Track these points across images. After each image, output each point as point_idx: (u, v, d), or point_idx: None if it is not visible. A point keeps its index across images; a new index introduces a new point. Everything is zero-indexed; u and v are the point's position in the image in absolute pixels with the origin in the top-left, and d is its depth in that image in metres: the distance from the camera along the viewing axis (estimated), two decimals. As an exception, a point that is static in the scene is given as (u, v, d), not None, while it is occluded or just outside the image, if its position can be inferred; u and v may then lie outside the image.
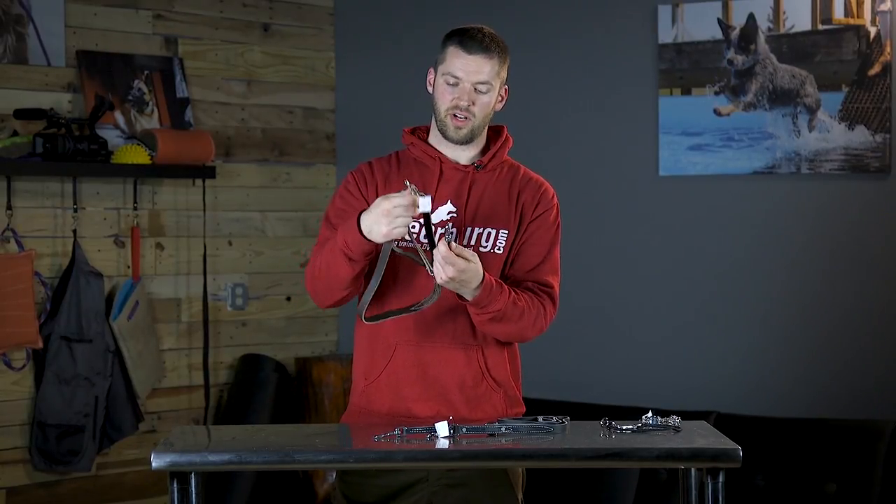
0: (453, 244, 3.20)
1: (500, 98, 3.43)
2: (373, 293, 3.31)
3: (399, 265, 3.37)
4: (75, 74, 5.36)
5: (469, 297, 3.26)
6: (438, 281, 3.21)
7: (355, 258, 3.27)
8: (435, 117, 3.43)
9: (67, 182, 5.33)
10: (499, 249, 3.40)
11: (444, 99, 3.38)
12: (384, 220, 3.19)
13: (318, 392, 5.87)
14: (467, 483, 3.35)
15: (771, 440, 4.91)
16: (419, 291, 3.35)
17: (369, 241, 3.23)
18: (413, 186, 3.21)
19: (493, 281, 3.27)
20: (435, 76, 3.42)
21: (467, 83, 3.36)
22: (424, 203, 3.18)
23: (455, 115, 3.37)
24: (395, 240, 3.25)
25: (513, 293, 3.32)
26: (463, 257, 3.19)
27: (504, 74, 3.42)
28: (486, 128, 3.46)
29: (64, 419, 5.20)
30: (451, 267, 3.17)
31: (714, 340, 5.32)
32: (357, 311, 3.34)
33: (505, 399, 3.43)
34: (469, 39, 3.36)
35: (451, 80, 3.37)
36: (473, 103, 3.37)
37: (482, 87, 3.37)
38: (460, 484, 3.36)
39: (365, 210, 3.25)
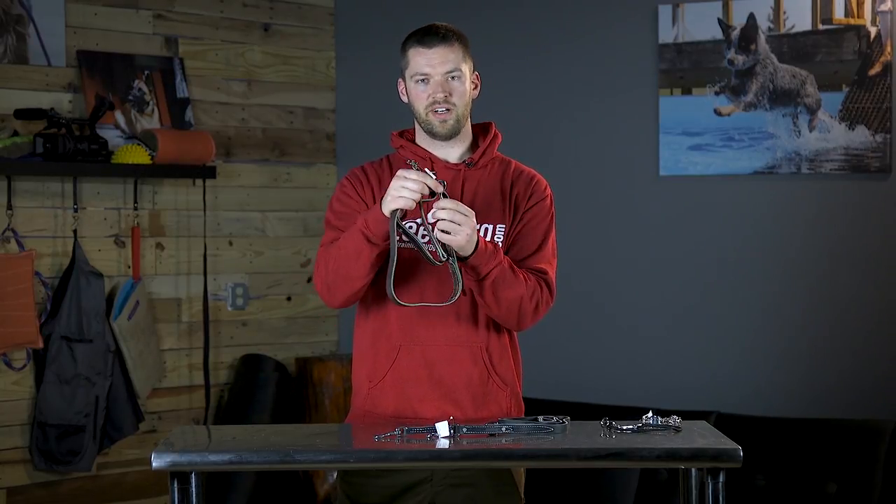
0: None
1: (473, 85, 3.44)
2: (393, 272, 3.21)
3: (405, 265, 3.35)
4: (76, 74, 5.36)
5: (466, 256, 3.23)
6: (444, 216, 3.19)
7: (375, 240, 3.26)
8: (417, 121, 3.44)
9: (68, 182, 5.33)
10: (497, 244, 3.40)
11: (420, 99, 3.39)
12: (394, 184, 3.20)
13: (319, 392, 5.87)
14: (472, 483, 3.35)
15: (771, 440, 4.91)
16: (425, 287, 3.35)
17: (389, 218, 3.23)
18: (431, 171, 3.25)
19: (488, 243, 3.28)
20: (405, 84, 3.43)
21: (437, 75, 3.37)
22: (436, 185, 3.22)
23: (436, 111, 3.38)
24: (399, 213, 3.22)
25: (508, 261, 3.32)
26: (460, 213, 3.21)
27: (470, 61, 3.43)
28: (470, 122, 3.46)
29: (64, 419, 5.20)
30: (450, 209, 3.18)
31: (714, 340, 5.32)
32: (388, 295, 3.24)
33: (512, 397, 3.43)
34: (425, 36, 3.40)
35: (421, 79, 3.38)
36: (450, 93, 3.38)
37: (453, 75, 3.38)
38: (465, 484, 3.35)
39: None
